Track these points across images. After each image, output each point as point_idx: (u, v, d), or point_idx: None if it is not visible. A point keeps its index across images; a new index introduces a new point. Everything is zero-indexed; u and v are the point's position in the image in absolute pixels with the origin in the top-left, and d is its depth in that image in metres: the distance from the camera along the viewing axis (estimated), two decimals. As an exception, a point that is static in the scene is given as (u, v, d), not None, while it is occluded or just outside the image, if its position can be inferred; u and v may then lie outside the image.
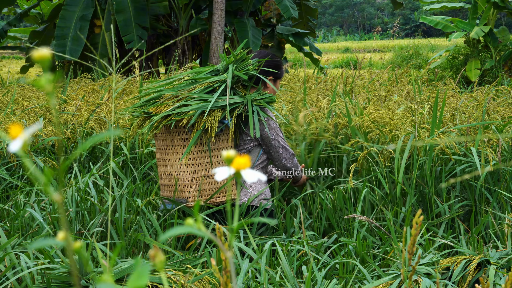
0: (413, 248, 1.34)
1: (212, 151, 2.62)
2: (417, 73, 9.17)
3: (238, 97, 2.63)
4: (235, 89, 2.68)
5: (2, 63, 20.61)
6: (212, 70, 2.72)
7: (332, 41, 39.37)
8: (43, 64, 0.66)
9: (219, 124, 2.59)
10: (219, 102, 2.58)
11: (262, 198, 2.73)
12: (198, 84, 2.66)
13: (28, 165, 0.64)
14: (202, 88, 2.64)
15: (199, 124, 2.55)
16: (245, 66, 2.72)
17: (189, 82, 2.69)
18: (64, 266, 1.99)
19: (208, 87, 2.64)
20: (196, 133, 2.56)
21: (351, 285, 2.13)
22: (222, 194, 2.65)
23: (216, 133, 2.58)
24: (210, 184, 2.61)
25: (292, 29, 11.31)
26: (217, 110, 2.57)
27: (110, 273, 0.68)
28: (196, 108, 2.55)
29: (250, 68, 2.70)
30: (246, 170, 0.74)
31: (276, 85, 2.90)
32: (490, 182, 2.92)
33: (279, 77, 2.90)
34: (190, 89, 2.65)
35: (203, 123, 2.54)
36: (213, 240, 0.75)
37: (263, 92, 2.72)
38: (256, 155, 2.74)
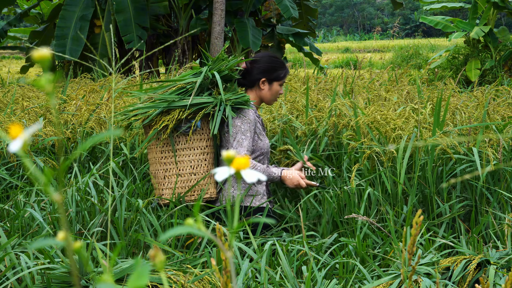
0: (413, 248, 1.34)
1: (185, 150, 2.68)
2: (417, 73, 9.17)
3: (208, 98, 2.65)
4: (212, 90, 2.72)
5: (2, 63, 20.61)
6: (196, 73, 2.75)
7: (332, 41, 39.37)
8: (43, 64, 0.66)
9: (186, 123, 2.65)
10: (181, 102, 2.62)
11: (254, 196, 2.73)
12: (173, 86, 2.73)
13: (28, 165, 0.64)
14: (174, 90, 2.69)
15: (157, 122, 2.64)
16: (219, 66, 2.73)
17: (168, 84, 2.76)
18: (64, 266, 1.99)
19: (181, 89, 2.69)
20: (152, 132, 2.65)
21: (351, 285, 2.13)
22: (197, 192, 2.68)
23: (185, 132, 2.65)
24: (182, 183, 2.68)
25: (292, 29, 11.31)
26: (178, 110, 2.62)
27: (110, 273, 0.68)
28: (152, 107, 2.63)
29: (222, 68, 2.71)
30: (246, 170, 0.74)
31: (273, 87, 2.85)
32: (490, 182, 2.92)
33: (275, 79, 2.84)
34: (164, 91, 2.71)
35: (160, 122, 2.62)
36: (213, 240, 0.75)
37: (237, 92, 2.73)
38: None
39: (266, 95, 2.84)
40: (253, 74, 2.81)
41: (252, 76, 2.82)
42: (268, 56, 2.88)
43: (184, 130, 2.66)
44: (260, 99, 2.88)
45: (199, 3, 10.72)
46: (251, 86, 2.84)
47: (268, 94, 2.84)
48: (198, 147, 2.68)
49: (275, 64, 2.84)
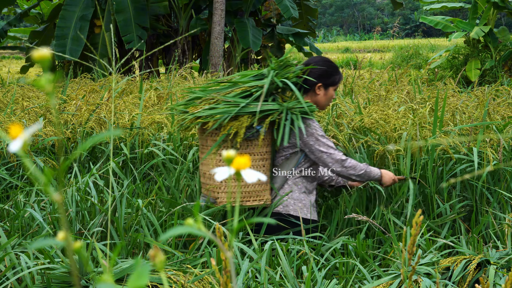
0: (413, 248, 1.34)
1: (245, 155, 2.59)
2: (417, 73, 9.17)
3: (274, 104, 2.56)
4: (275, 95, 2.62)
5: (2, 63, 20.62)
6: (257, 75, 2.66)
7: (332, 41, 39.38)
8: (43, 64, 0.66)
9: (250, 130, 2.56)
10: (249, 108, 2.53)
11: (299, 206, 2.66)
12: (235, 88, 2.62)
13: (28, 165, 0.64)
14: (238, 92, 2.59)
15: (225, 128, 2.54)
16: (286, 72, 2.63)
17: (229, 85, 2.65)
18: (64, 266, 1.99)
19: (245, 92, 2.60)
20: (220, 137, 2.56)
21: (351, 285, 2.13)
22: (252, 199, 2.63)
23: (248, 137, 2.57)
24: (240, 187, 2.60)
25: (292, 29, 11.31)
26: (246, 116, 2.53)
27: (110, 273, 0.68)
28: (221, 112, 2.52)
29: (289, 76, 2.62)
30: (246, 170, 0.74)
31: (328, 92, 2.77)
32: (490, 182, 2.92)
33: (331, 84, 2.77)
34: (227, 92, 2.61)
35: (229, 128, 2.53)
36: (213, 240, 0.75)
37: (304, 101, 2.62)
38: (295, 162, 2.67)
39: (321, 100, 2.77)
40: (309, 79, 2.72)
41: (307, 81, 2.72)
42: (324, 60, 2.80)
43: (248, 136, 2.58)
44: (314, 104, 2.76)
45: (199, 3, 10.72)
46: (306, 91, 2.75)
47: (324, 99, 2.77)
48: (258, 153, 2.61)
49: (331, 69, 2.78)
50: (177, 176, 2.98)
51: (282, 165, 2.68)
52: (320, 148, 2.62)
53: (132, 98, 4.48)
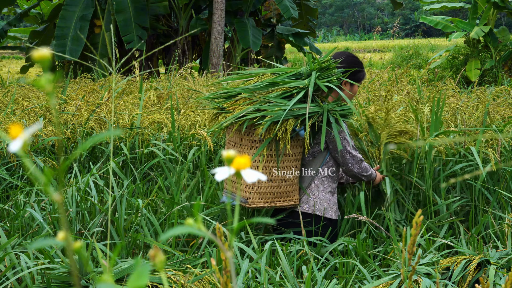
0: (413, 248, 1.34)
1: (281, 156, 2.57)
2: (417, 73, 9.17)
3: (315, 106, 2.52)
4: (314, 96, 2.57)
5: (2, 63, 20.62)
6: (294, 74, 2.61)
7: (332, 41, 39.39)
8: (43, 64, 0.66)
9: (291, 132, 2.53)
10: (294, 111, 2.49)
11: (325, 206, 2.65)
12: (276, 88, 2.57)
13: (28, 165, 0.64)
14: (280, 93, 2.54)
15: (270, 131, 2.50)
16: (329, 75, 2.59)
17: (267, 83, 2.59)
18: (64, 266, 1.99)
19: (286, 92, 2.55)
20: (266, 141, 2.52)
21: (351, 285, 2.13)
22: (283, 199, 2.60)
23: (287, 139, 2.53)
24: (271, 188, 2.58)
25: (292, 29, 11.32)
26: (291, 119, 2.49)
27: (110, 273, 0.68)
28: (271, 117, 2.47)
29: (333, 79, 2.58)
30: (246, 170, 0.74)
31: (353, 89, 2.76)
32: (489, 182, 2.92)
33: (356, 81, 2.75)
34: (267, 92, 2.57)
35: (274, 132, 2.49)
36: (213, 240, 0.75)
37: (341, 103, 2.60)
38: (322, 160, 2.66)
39: (346, 96, 2.70)
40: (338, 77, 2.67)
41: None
42: (351, 56, 2.77)
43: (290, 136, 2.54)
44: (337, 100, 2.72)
45: (199, 3, 10.73)
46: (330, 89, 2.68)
47: (348, 96, 2.73)
48: (293, 154, 2.58)
49: (357, 65, 2.75)
50: (177, 176, 2.97)
51: (309, 163, 2.66)
52: (346, 148, 2.62)
53: (132, 98, 4.48)
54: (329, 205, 2.65)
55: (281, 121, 2.47)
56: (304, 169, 2.67)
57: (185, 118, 3.76)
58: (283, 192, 2.60)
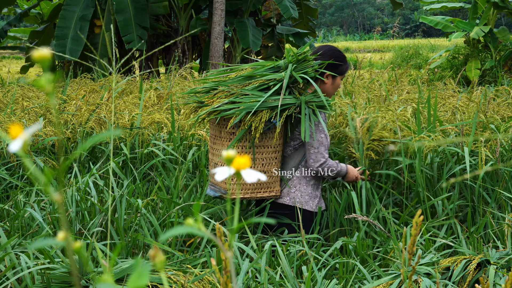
0: (413, 248, 1.35)
1: (259, 147, 2.60)
2: (417, 73, 9.17)
3: (291, 98, 2.55)
4: (291, 88, 2.59)
5: (2, 63, 20.61)
6: (273, 67, 2.64)
7: (332, 41, 39.38)
8: (43, 64, 0.66)
9: (267, 123, 2.56)
10: (268, 103, 2.52)
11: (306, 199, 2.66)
12: (253, 80, 2.60)
13: (28, 165, 0.64)
14: (256, 85, 2.57)
15: (245, 123, 2.54)
16: (305, 67, 2.61)
17: (245, 76, 2.62)
18: (64, 266, 1.99)
19: (263, 85, 2.58)
20: (240, 132, 2.56)
21: (351, 285, 2.13)
22: (263, 190, 2.63)
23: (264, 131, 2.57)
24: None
25: (292, 29, 11.32)
26: (265, 111, 2.52)
27: (110, 273, 0.68)
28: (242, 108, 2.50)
29: (309, 71, 2.60)
30: (246, 170, 0.74)
31: (336, 81, 2.76)
32: (487, 182, 2.91)
33: (339, 74, 2.75)
34: (244, 84, 2.60)
35: (249, 123, 2.52)
36: (213, 240, 0.75)
37: (318, 94, 2.60)
38: (303, 153, 2.68)
39: (328, 89, 2.74)
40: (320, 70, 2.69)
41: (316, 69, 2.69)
42: (333, 50, 2.77)
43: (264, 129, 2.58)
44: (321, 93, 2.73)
45: (199, 3, 10.72)
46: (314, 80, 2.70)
47: (331, 88, 2.75)
48: (271, 145, 2.62)
49: (340, 59, 2.75)
50: (177, 176, 2.97)
51: (291, 156, 2.69)
52: (313, 142, 2.62)
53: (132, 98, 4.48)
54: (310, 198, 2.67)
55: (254, 113, 2.50)
56: (285, 161, 2.69)
57: (185, 118, 3.76)
58: (263, 183, 2.63)
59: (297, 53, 2.63)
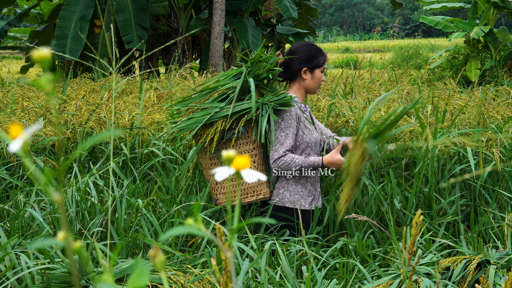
0: (413, 248, 1.34)
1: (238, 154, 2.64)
2: (417, 73, 9.17)
3: (249, 103, 2.58)
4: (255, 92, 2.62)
5: (2, 63, 20.61)
6: (236, 74, 2.67)
7: (332, 41, 39.39)
8: (43, 64, 0.66)
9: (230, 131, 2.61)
10: (222, 112, 2.58)
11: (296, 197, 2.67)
12: (214, 92, 2.66)
13: (28, 165, 0.64)
14: (216, 97, 2.64)
15: (202, 136, 2.63)
16: (257, 69, 2.63)
17: (209, 90, 2.69)
18: (64, 266, 1.99)
19: (223, 95, 2.63)
20: (198, 146, 2.66)
21: (351, 285, 2.13)
22: (250, 195, 2.66)
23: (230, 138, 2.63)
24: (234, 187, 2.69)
25: (292, 29, 11.32)
26: (221, 121, 2.58)
27: (110, 273, 0.68)
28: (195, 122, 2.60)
29: (259, 72, 2.62)
30: (246, 170, 0.74)
31: (315, 75, 2.74)
32: (488, 181, 2.92)
33: (316, 67, 2.74)
34: (206, 99, 2.67)
35: (205, 135, 2.60)
36: (213, 240, 0.75)
37: (279, 92, 2.62)
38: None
39: (309, 84, 2.75)
40: (293, 66, 2.72)
41: (292, 68, 2.73)
42: (305, 45, 2.78)
43: (229, 137, 2.63)
44: (305, 90, 2.77)
45: (199, 3, 10.73)
46: (293, 78, 2.75)
47: (312, 83, 2.75)
48: (245, 151, 2.64)
49: (313, 52, 2.75)
50: (176, 176, 2.98)
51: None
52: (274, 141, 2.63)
53: (132, 98, 4.48)
54: (301, 196, 2.67)
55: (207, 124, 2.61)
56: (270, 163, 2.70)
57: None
58: (247, 188, 2.66)
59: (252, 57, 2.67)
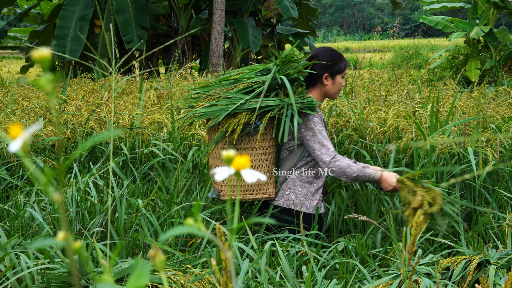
0: (413, 248, 1.34)
1: (247, 150, 2.62)
2: (417, 73, 9.17)
3: (275, 100, 2.56)
4: (278, 90, 2.61)
5: (2, 63, 20.61)
6: (262, 70, 2.66)
7: (332, 41, 39.39)
8: (43, 64, 0.66)
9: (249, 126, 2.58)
10: (248, 105, 2.55)
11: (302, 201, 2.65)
12: (239, 83, 2.63)
13: (28, 165, 0.64)
14: (241, 88, 2.61)
15: (223, 125, 2.58)
16: (288, 68, 2.62)
17: (233, 80, 2.66)
18: (64, 266, 1.99)
19: (248, 88, 2.60)
20: (218, 135, 2.60)
21: (351, 285, 2.12)
22: (256, 192, 2.64)
23: (249, 133, 2.60)
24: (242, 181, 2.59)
25: (292, 29, 11.32)
26: (245, 113, 2.54)
27: (110, 273, 0.68)
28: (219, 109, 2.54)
29: (290, 72, 2.61)
30: (246, 170, 0.74)
31: (336, 81, 2.74)
32: (488, 181, 2.91)
33: (337, 73, 2.74)
34: (229, 88, 2.63)
35: (227, 125, 2.56)
36: (213, 240, 0.75)
37: (305, 95, 2.60)
38: (299, 155, 2.66)
39: (330, 90, 2.74)
40: (315, 71, 2.71)
41: (314, 73, 2.71)
42: (326, 50, 2.78)
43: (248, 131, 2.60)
44: (324, 95, 2.77)
45: (199, 3, 10.73)
46: (314, 83, 2.73)
47: (332, 89, 2.75)
48: (260, 147, 2.62)
49: (335, 58, 2.75)
50: (176, 176, 2.97)
51: (287, 158, 2.68)
52: (313, 145, 2.61)
53: (132, 98, 4.48)
54: (306, 200, 2.66)
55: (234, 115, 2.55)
56: (281, 164, 2.69)
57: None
58: (255, 185, 2.64)
59: (284, 55, 2.65)
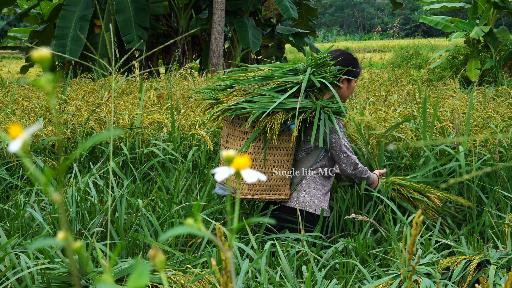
0: (413, 248, 1.34)
1: (271, 149, 2.58)
2: (417, 73, 9.17)
3: (307, 102, 2.54)
4: (308, 92, 2.59)
5: (2, 63, 20.61)
6: (291, 69, 2.64)
7: (332, 41, 39.38)
8: (43, 64, 0.66)
9: (282, 125, 2.55)
10: (284, 105, 2.51)
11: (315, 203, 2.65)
12: (271, 81, 2.59)
13: (28, 165, 0.64)
14: (273, 86, 2.56)
15: (260, 123, 2.52)
16: (323, 71, 2.61)
17: (263, 77, 2.61)
18: (64, 266, 1.99)
19: (280, 86, 2.57)
20: (255, 132, 2.55)
21: (351, 285, 2.13)
22: (272, 192, 2.61)
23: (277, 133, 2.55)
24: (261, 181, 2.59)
25: (292, 29, 11.32)
26: (281, 112, 2.51)
27: (110, 273, 0.68)
28: (258, 107, 2.49)
29: (327, 75, 2.59)
30: (246, 170, 0.74)
31: (351, 86, 2.76)
32: (486, 182, 2.91)
33: (353, 77, 2.75)
34: (262, 85, 2.58)
35: (264, 123, 2.51)
36: (213, 240, 0.75)
37: (335, 100, 2.59)
38: (316, 157, 2.65)
39: (344, 93, 2.74)
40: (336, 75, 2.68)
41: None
42: (343, 53, 2.77)
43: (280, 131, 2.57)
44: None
45: (199, 3, 10.73)
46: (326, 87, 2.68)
47: (346, 92, 2.75)
48: (284, 148, 2.59)
49: (352, 62, 2.74)
50: (176, 176, 2.98)
51: (302, 160, 2.67)
52: (340, 147, 2.61)
53: (132, 98, 4.48)
54: (320, 202, 2.66)
55: (271, 114, 2.49)
56: (297, 165, 2.67)
57: (185, 118, 3.76)
58: (273, 185, 2.60)
59: (317, 57, 2.63)
